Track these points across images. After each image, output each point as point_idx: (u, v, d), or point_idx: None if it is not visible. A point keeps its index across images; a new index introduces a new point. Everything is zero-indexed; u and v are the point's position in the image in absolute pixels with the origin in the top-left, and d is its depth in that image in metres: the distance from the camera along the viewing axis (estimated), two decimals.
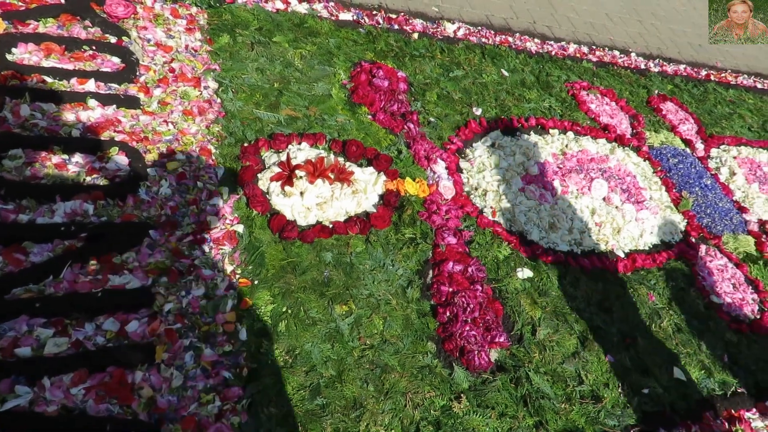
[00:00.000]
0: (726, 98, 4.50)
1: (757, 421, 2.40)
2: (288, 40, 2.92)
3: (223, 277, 1.94)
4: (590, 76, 3.90)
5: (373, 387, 1.92)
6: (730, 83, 4.73)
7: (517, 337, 2.26)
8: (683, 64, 4.62)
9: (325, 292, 2.09)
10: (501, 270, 2.45)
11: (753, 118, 4.43)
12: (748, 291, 2.93)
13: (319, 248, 2.20)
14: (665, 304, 2.64)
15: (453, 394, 2.00)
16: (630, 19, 4.91)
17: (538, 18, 4.25)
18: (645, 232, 2.92)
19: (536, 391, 2.10)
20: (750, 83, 4.88)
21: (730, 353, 2.59)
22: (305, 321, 1.98)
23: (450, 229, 2.48)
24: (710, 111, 4.23)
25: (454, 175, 2.73)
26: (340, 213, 2.34)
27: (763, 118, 4.49)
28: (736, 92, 4.65)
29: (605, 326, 2.42)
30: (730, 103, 4.46)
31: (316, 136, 2.55)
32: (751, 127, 4.30)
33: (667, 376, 2.37)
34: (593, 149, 3.24)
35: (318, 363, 1.90)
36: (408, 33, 3.46)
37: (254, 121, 2.48)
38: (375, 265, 2.25)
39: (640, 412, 2.21)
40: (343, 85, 2.90)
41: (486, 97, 3.29)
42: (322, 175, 2.34)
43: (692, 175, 3.45)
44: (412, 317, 2.15)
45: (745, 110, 4.47)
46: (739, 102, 4.53)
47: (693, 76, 4.53)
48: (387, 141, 2.75)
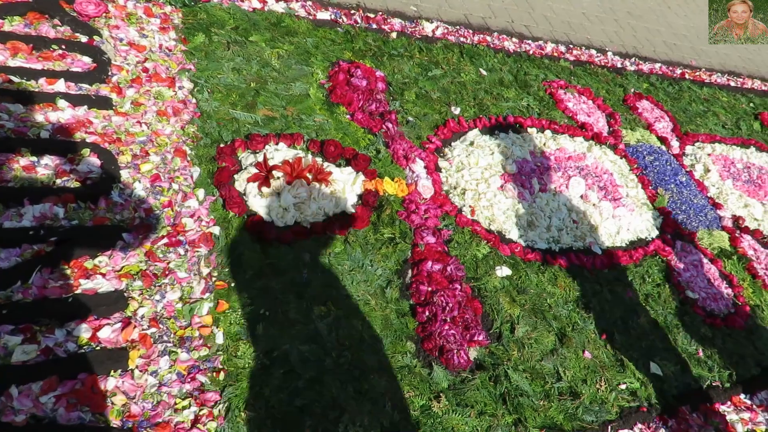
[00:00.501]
0: (700, 96, 4.57)
1: (732, 414, 2.44)
2: (265, 40, 2.90)
3: (199, 280, 1.91)
4: (567, 75, 3.93)
5: (352, 388, 1.91)
6: (704, 81, 4.81)
7: (496, 335, 2.27)
8: (658, 63, 4.69)
9: (303, 293, 2.07)
10: (480, 268, 2.46)
11: (726, 115, 4.51)
12: (723, 286, 2.98)
13: (297, 249, 2.18)
14: (642, 300, 2.68)
15: (432, 393, 2.00)
16: (606, 18, 4.97)
17: (516, 17, 4.27)
18: (622, 229, 2.95)
19: (515, 388, 2.11)
20: (723, 81, 4.97)
21: (705, 348, 2.63)
22: (283, 323, 1.96)
23: (429, 228, 2.48)
24: (685, 109, 4.30)
25: (433, 174, 2.73)
26: (318, 213, 2.32)
27: (736, 116, 4.58)
28: (710, 90, 4.73)
29: (583, 323, 2.45)
30: (704, 101, 4.53)
31: (294, 136, 2.53)
32: (725, 125, 4.38)
33: (644, 371, 2.40)
34: (571, 147, 3.27)
35: (296, 365, 1.88)
36: (386, 32, 3.45)
37: (230, 121, 2.46)
38: (354, 265, 2.24)
39: (618, 408, 2.24)
40: (321, 85, 2.88)
41: (464, 96, 3.30)
42: (299, 176, 2.32)
43: (668, 173, 3.51)
44: (391, 317, 2.15)
45: (718, 108, 4.55)
46: (713, 100, 4.61)
47: (668, 75, 4.60)
48: (365, 141, 2.74)
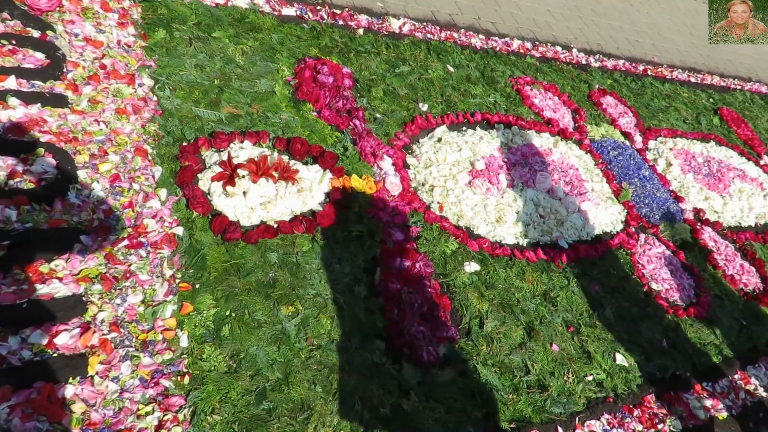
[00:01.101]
0: (662, 92, 4.68)
1: (694, 402, 2.51)
2: (228, 36, 2.84)
3: (162, 282, 1.87)
4: (534, 72, 3.97)
5: (321, 388, 1.89)
6: (666, 78, 4.93)
7: (465, 330, 2.28)
8: (622, 60, 4.78)
9: (270, 293, 2.04)
10: (449, 265, 2.46)
11: (687, 110, 4.63)
12: (685, 277, 3.06)
13: (263, 249, 2.15)
14: (607, 293, 2.73)
15: (402, 391, 2.00)
16: (571, 15, 5.04)
17: (483, 14, 4.29)
18: (587, 222, 3.00)
19: (484, 383, 2.13)
20: (684, 77, 5.10)
21: (668, 338, 2.70)
22: (250, 324, 1.93)
23: (397, 225, 2.47)
24: (648, 104, 4.39)
25: (401, 171, 2.73)
26: (285, 212, 2.29)
27: (696, 111, 4.70)
28: (672, 86, 4.85)
29: (550, 316, 2.48)
30: (666, 96, 4.64)
31: (259, 134, 2.49)
32: (686, 120, 4.49)
33: (610, 362, 2.45)
34: (537, 143, 3.30)
35: (264, 366, 1.86)
36: (353, 29, 3.43)
37: (193, 119, 2.40)
38: (322, 264, 2.22)
39: (585, 399, 2.28)
40: (287, 82, 2.84)
41: (432, 92, 3.30)
42: (265, 174, 2.28)
43: (631, 167, 3.58)
44: (360, 316, 2.14)
45: (680, 103, 4.67)
46: (674, 95, 4.73)
47: (631, 71, 4.69)
48: (333, 138, 2.71)
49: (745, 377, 2.75)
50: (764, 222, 3.90)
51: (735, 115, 4.93)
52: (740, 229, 3.71)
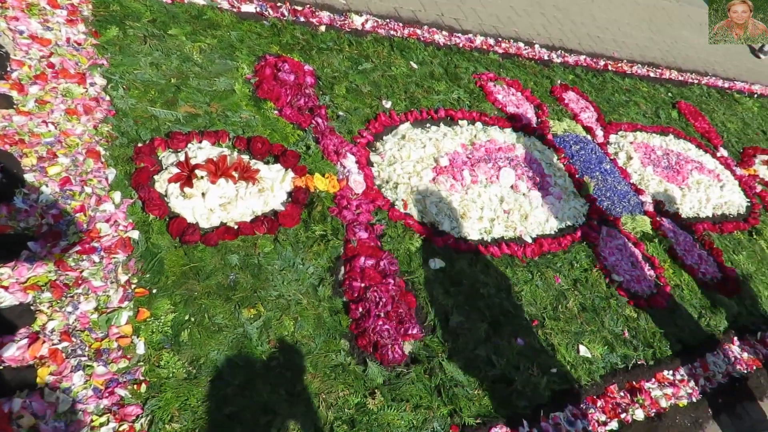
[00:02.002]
0: (622, 87, 4.77)
1: (656, 391, 2.56)
2: (185, 33, 2.77)
3: (117, 288, 1.81)
4: (497, 68, 4.00)
5: (284, 391, 1.86)
6: (626, 73, 5.02)
7: (431, 327, 2.28)
8: (583, 55, 4.85)
9: (231, 296, 2.01)
10: (413, 262, 2.46)
11: (647, 105, 4.73)
12: (645, 268, 3.13)
13: (223, 251, 2.11)
14: (570, 285, 2.76)
15: (367, 390, 1.99)
16: (533, 11, 5.09)
17: (446, 11, 4.30)
18: (550, 217, 3.04)
19: (450, 379, 2.13)
20: (644, 72, 5.21)
21: (630, 328, 2.75)
22: (210, 328, 1.89)
23: (361, 223, 2.46)
24: (608, 99, 4.47)
25: (365, 169, 2.71)
26: (245, 213, 2.25)
27: (655, 105, 4.81)
28: (632, 81, 4.95)
29: (515, 310, 2.50)
30: (626, 91, 4.73)
31: (219, 133, 2.44)
32: (645, 114, 4.59)
33: (574, 354, 2.49)
34: (501, 139, 3.32)
35: (224, 371, 1.82)
36: (315, 25, 3.39)
37: (149, 119, 2.33)
38: (284, 264, 2.19)
39: (549, 391, 2.30)
40: (247, 80, 2.79)
41: (395, 89, 3.29)
42: (224, 175, 2.24)
43: (593, 161, 3.64)
44: (324, 316, 2.12)
45: (639, 98, 4.76)
46: (634, 90, 4.82)
47: (592, 67, 4.77)
48: (295, 136, 2.68)
49: (704, 364, 2.82)
50: (721, 213, 4.01)
51: (692, 109, 5.06)
52: (698, 219, 3.81)
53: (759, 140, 5.36)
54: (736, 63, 6.72)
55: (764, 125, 5.69)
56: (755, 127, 5.56)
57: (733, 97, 5.83)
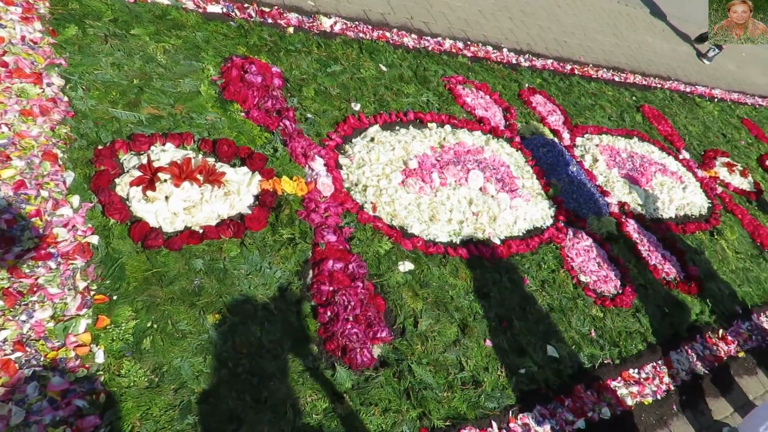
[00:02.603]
0: (588, 91, 4.86)
1: (622, 389, 2.61)
2: (149, 33, 2.71)
3: (75, 295, 1.75)
4: (465, 71, 4.03)
5: (250, 397, 1.83)
6: (591, 77, 5.12)
7: (400, 330, 2.27)
8: (550, 59, 4.92)
9: (195, 301, 1.96)
10: (382, 265, 2.45)
11: (612, 108, 4.83)
12: (611, 268, 3.18)
13: (188, 255, 2.06)
14: (538, 286, 2.79)
15: (335, 395, 1.97)
16: (501, 15, 5.15)
17: (415, 14, 4.31)
18: (519, 218, 3.07)
19: (419, 382, 2.13)
20: (609, 76, 5.31)
21: (596, 327, 2.79)
22: (173, 335, 1.85)
23: (330, 226, 2.44)
24: (575, 103, 4.55)
25: (333, 171, 2.69)
26: (211, 217, 2.21)
27: (620, 108, 4.91)
28: (597, 85, 5.04)
29: (484, 312, 2.51)
30: (592, 95, 4.82)
31: (183, 135, 2.39)
32: (611, 117, 4.68)
33: (542, 354, 2.51)
34: (469, 141, 3.34)
35: (188, 379, 1.78)
36: (283, 27, 3.36)
37: (110, 121, 2.27)
38: (251, 269, 2.15)
39: (518, 392, 2.32)
40: (213, 82, 2.74)
41: (364, 92, 3.28)
42: (189, 178, 2.19)
43: (560, 163, 3.69)
44: (291, 320, 2.09)
45: (605, 101, 4.86)
46: (599, 94, 4.92)
47: (559, 71, 4.85)
48: (262, 139, 2.64)
49: (668, 362, 2.88)
50: (683, 213, 4.12)
51: (656, 112, 5.18)
52: (662, 220, 3.90)
53: (719, 143, 5.53)
54: (697, 69, 6.92)
55: (724, 128, 5.87)
56: (715, 130, 5.73)
57: (695, 101, 6.00)
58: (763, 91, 7.65)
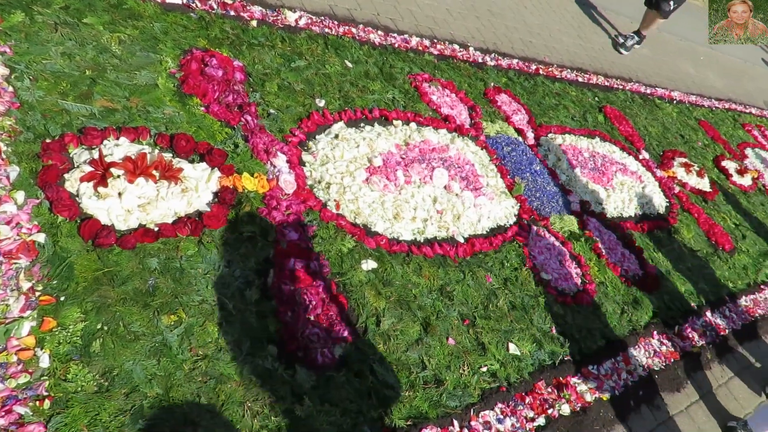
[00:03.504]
0: (553, 91, 4.93)
1: (581, 385, 2.65)
2: (103, 23, 2.60)
3: (18, 296, 1.66)
4: (432, 69, 4.02)
5: (206, 400, 1.78)
6: (556, 77, 5.19)
7: (362, 329, 2.25)
8: (516, 59, 4.97)
9: (149, 302, 1.89)
10: (345, 263, 2.42)
11: (575, 108, 4.91)
12: (572, 266, 3.23)
13: (142, 254, 1.99)
14: (501, 284, 2.81)
15: (295, 396, 1.93)
16: (469, 14, 5.16)
17: (382, 10, 4.29)
18: (483, 217, 3.08)
19: (380, 382, 2.11)
20: (572, 77, 5.40)
21: (557, 325, 2.83)
22: (125, 337, 1.78)
23: (292, 224, 2.39)
24: (539, 102, 4.60)
25: (296, 168, 2.64)
26: (167, 214, 2.14)
27: (583, 109, 4.99)
28: (561, 85, 5.12)
29: (447, 310, 2.51)
30: (556, 95, 4.89)
31: (138, 130, 2.31)
32: (574, 117, 4.76)
33: (504, 352, 2.53)
34: (435, 139, 3.34)
35: (141, 382, 1.71)
36: (246, 20, 3.28)
37: (60, 113, 2.17)
38: (209, 268, 2.09)
39: (480, 390, 2.33)
40: (172, 75, 2.66)
41: (329, 88, 3.24)
42: (144, 174, 2.11)
43: (524, 162, 3.73)
44: (251, 320, 2.04)
45: (568, 101, 4.93)
46: (563, 94, 4.99)
47: (524, 70, 4.89)
48: (222, 134, 2.57)
49: (626, 358, 2.94)
50: (642, 212, 4.21)
51: (617, 113, 5.29)
52: (622, 219, 3.99)
53: (677, 144, 5.69)
54: (657, 71, 7.10)
55: (682, 130, 6.04)
56: (674, 131, 5.89)
57: (655, 102, 6.15)
58: (719, 93, 7.91)
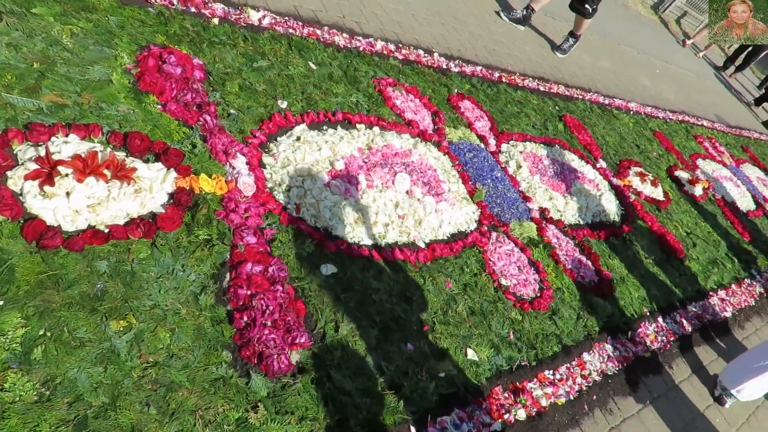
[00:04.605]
0: (515, 98, 5.00)
1: (537, 390, 2.68)
2: (54, 14, 2.50)
3: None
4: (396, 73, 4.03)
5: (155, 409, 1.72)
6: (518, 85, 5.27)
7: (320, 335, 2.22)
8: (479, 66, 5.02)
9: (97, 307, 1.82)
10: (304, 268, 2.38)
11: (536, 116, 5.00)
12: (531, 272, 3.28)
13: (90, 257, 1.91)
14: (460, 290, 2.82)
15: (249, 404, 1.89)
16: (434, 20, 5.20)
17: (348, 13, 4.27)
18: (444, 222, 3.09)
19: (338, 388, 2.08)
20: (534, 86, 5.50)
21: (515, 330, 2.86)
22: (70, 343, 1.70)
23: (250, 227, 2.34)
24: (502, 110, 4.66)
25: (256, 170, 2.60)
26: (118, 215, 2.06)
27: (544, 117, 5.09)
28: (523, 93, 5.20)
29: (406, 315, 2.50)
30: (518, 103, 4.97)
31: (90, 127, 2.22)
32: (535, 125, 4.84)
33: (462, 357, 2.54)
34: (398, 144, 3.34)
35: (86, 391, 1.64)
36: (207, 17, 3.21)
37: (3, 107, 2.07)
38: (162, 271, 2.03)
39: (437, 396, 2.33)
40: (127, 71, 2.57)
41: (292, 89, 3.20)
42: (94, 173, 2.03)
43: (485, 168, 3.77)
44: (205, 326, 1.98)
45: (530, 110, 5.02)
46: (525, 102, 5.07)
47: (487, 77, 4.96)
48: (179, 134, 2.50)
49: (581, 363, 3.00)
50: (599, 220, 4.32)
51: (577, 122, 5.42)
52: (579, 226, 4.07)
53: (633, 153, 5.86)
54: (616, 82, 7.32)
55: (638, 140, 6.23)
56: (630, 141, 6.07)
57: (612, 113, 6.33)
58: (673, 105, 8.21)
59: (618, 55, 8.54)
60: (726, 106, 11.12)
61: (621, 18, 10.64)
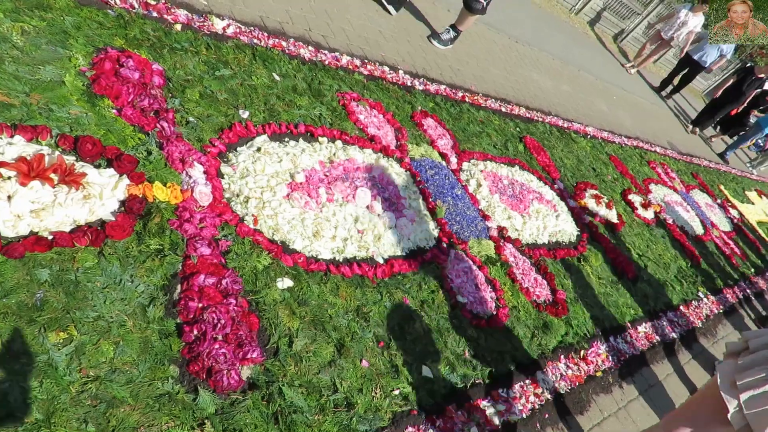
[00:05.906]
0: (477, 118, 5.09)
1: (490, 409, 2.69)
2: (4, 10, 2.40)
3: None
4: (361, 89, 4.04)
5: (94, 427, 1.64)
6: (481, 105, 5.37)
7: (273, 350, 2.17)
8: (444, 85, 5.10)
9: (36, 317, 1.73)
10: (259, 281, 2.34)
11: (497, 137, 5.09)
12: (488, 290, 3.31)
13: (31, 264, 1.82)
14: (418, 307, 2.82)
15: (196, 421, 1.82)
16: (401, 38, 5.26)
17: (314, 26, 4.27)
18: (403, 238, 3.09)
19: (289, 405, 2.04)
20: (496, 107, 5.61)
21: (470, 348, 2.87)
22: (4, 356, 1.61)
23: (204, 238, 2.29)
24: (464, 129, 4.73)
25: (214, 180, 2.54)
26: (64, 222, 1.98)
27: (505, 138, 5.19)
28: (486, 113, 5.30)
29: (362, 332, 2.48)
30: (480, 122, 5.05)
31: (38, 129, 2.13)
32: (496, 145, 4.93)
33: (417, 375, 2.52)
34: (360, 158, 3.34)
35: (18, 406, 1.56)
36: (169, 23, 3.15)
37: None
38: (108, 281, 1.95)
39: (391, 414, 2.30)
40: (82, 73, 2.49)
41: (255, 100, 3.16)
42: (40, 176, 1.95)
43: (446, 186, 3.80)
44: (152, 339, 1.91)
45: (491, 130, 5.11)
46: (487, 122, 5.17)
47: (451, 97, 5.03)
48: (135, 140, 2.43)
49: (534, 382, 3.03)
50: (555, 240, 4.41)
51: (536, 144, 5.55)
52: (536, 245, 4.15)
53: (590, 176, 6.03)
54: (575, 106, 7.55)
55: (594, 163, 6.42)
56: (587, 164, 6.25)
57: (571, 136, 6.51)
58: (629, 131, 8.51)
59: (578, 80, 8.83)
60: (677, 132, 11.62)
61: (583, 45, 11.02)
